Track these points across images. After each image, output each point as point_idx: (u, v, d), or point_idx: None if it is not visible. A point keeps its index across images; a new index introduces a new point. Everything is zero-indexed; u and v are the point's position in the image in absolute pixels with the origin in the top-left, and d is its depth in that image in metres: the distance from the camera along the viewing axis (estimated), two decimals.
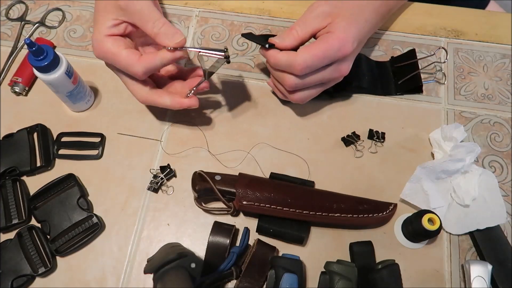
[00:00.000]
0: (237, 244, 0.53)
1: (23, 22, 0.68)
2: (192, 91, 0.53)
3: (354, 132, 0.59)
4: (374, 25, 0.57)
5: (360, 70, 0.61)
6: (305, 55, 0.49)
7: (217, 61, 0.51)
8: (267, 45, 0.52)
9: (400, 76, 0.62)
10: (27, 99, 0.62)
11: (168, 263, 0.43)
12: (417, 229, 0.50)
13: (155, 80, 0.56)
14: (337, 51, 0.49)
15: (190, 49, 0.50)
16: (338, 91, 0.60)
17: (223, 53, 0.49)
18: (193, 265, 0.49)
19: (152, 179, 0.56)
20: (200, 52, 0.50)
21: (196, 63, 0.64)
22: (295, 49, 0.52)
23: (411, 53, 0.62)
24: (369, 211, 0.53)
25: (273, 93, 0.62)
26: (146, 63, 0.49)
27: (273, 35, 0.53)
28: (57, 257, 0.53)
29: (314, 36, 0.53)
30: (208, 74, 0.52)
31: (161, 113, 0.61)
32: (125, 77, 0.53)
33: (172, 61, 0.50)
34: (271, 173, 0.56)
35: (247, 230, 0.53)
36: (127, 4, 0.48)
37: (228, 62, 0.50)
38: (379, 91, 0.62)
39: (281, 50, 0.51)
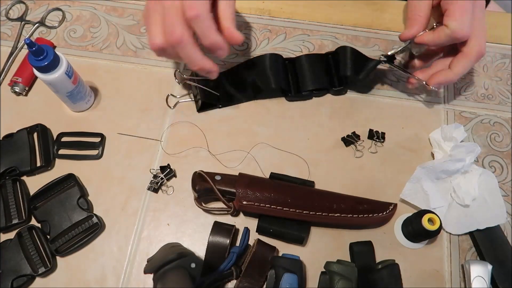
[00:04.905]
0: (237, 244, 0.53)
1: (23, 22, 0.68)
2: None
3: (354, 132, 0.59)
4: None
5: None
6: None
7: None
8: (384, 59, 0.59)
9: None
10: (27, 99, 0.62)
11: (168, 263, 0.43)
12: (417, 229, 0.50)
13: None
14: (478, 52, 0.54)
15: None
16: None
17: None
18: (193, 265, 0.49)
19: (152, 179, 0.56)
20: None
21: None
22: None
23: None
24: (369, 211, 0.53)
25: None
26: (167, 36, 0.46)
27: None
28: (57, 257, 0.53)
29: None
30: None
31: (161, 113, 0.61)
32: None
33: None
34: (271, 173, 0.56)
35: (247, 230, 0.53)
36: None
37: None
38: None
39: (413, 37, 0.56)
